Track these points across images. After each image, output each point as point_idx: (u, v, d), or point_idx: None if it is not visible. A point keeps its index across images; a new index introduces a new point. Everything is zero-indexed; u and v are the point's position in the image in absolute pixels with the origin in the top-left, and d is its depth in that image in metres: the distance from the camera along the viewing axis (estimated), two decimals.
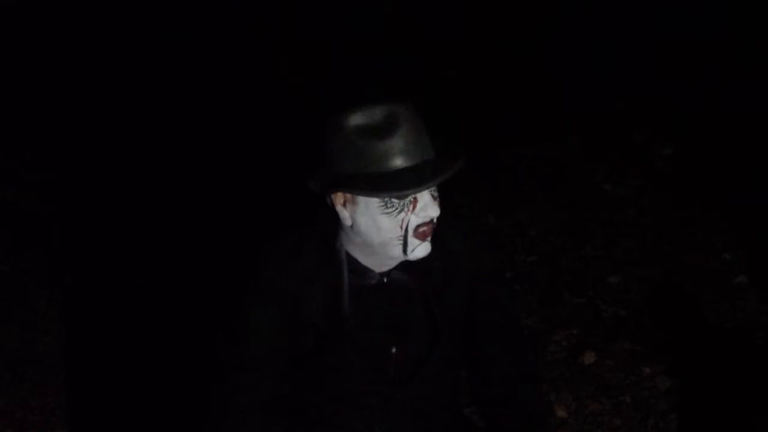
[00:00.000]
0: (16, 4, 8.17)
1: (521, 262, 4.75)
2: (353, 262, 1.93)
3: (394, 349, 1.97)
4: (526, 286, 4.51)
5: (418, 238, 1.86)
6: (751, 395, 3.52)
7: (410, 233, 1.85)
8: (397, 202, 1.83)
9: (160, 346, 4.07)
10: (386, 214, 1.84)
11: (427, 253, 1.88)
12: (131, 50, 7.56)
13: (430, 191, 1.85)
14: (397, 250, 1.87)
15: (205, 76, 7.03)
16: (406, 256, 1.88)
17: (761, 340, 3.92)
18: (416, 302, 1.96)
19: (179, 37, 7.61)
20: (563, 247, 4.86)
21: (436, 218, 1.87)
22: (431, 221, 1.86)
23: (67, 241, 5.16)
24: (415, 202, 1.84)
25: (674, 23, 6.53)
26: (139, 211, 5.37)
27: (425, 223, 1.86)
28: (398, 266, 1.93)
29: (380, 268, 1.94)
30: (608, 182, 5.49)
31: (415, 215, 1.85)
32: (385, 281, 1.95)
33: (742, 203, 4.91)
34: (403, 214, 1.84)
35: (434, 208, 1.85)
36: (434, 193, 1.87)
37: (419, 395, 2.00)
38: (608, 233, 4.93)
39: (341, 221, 1.88)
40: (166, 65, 7.29)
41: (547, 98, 6.36)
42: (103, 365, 4.03)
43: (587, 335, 4.08)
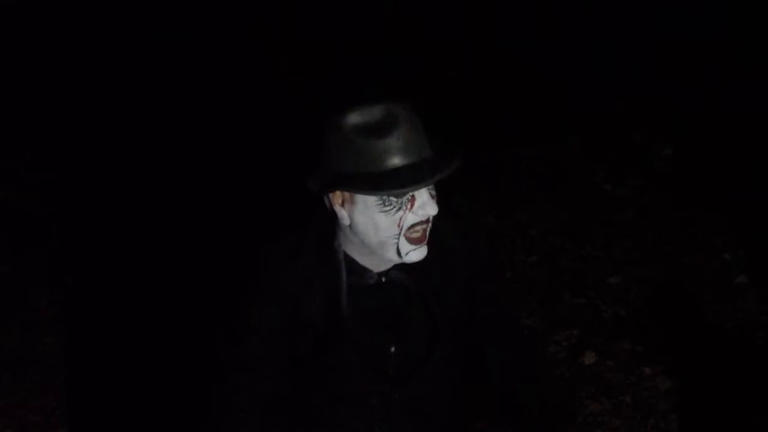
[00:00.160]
0: (16, 4, 8.16)
1: (521, 262, 4.75)
2: (352, 262, 1.93)
3: (393, 348, 1.97)
4: (526, 286, 4.50)
5: (411, 243, 1.86)
6: (751, 395, 3.52)
7: (404, 232, 1.85)
8: (395, 200, 1.83)
9: (160, 346, 4.07)
10: (384, 212, 1.84)
11: (422, 257, 1.88)
12: (131, 50, 7.56)
13: (428, 190, 1.85)
14: (392, 251, 1.87)
15: (205, 76, 7.03)
16: (401, 258, 1.88)
17: (761, 340, 3.92)
18: (415, 302, 1.96)
19: (179, 37, 7.61)
20: (563, 247, 4.86)
21: (432, 218, 1.87)
22: (428, 220, 1.86)
23: (67, 241, 5.17)
24: (413, 200, 1.84)
25: (674, 23, 6.53)
26: (139, 211, 5.37)
27: (422, 221, 1.85)
28: (397, 266, 1.93)
29: (378, 268, 1.94)
30: (608, 182, 5.49)
31: (413, 213, 1.84)
32: (383, 281, 1.95)
33: (742, 203, 4.91)
34: (401, 212, 1.84)
35: (432, 206, 1.85)
36: (432, 192, 1.86)
37: (419, 395, 2.00)
38: (608, 233, 4.93)
39: (339, 221, 1.88)
40: (166, 65, 7.28)
41: (547, 98, 6.35)
42: (103, 365, 4.03)
43: (587, 335, 4.08)
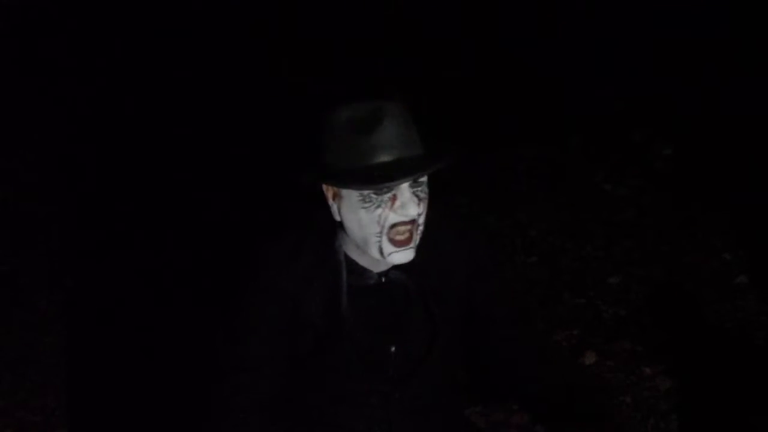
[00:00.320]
0: (16, 4, 8.15)
1: (521, 262, 4.75)
2: (351, 262, 1.93)
3: (393, 348, 1.97)
4: (526, 286, 4.50)
5: (394, 244, 1.84)
6: (751, 395, 3.51)
7: (386, 231, 1.84)
8: (375, 197, 1.82)
9: (160, 346, 4.07)
10: (364, 209, 1.83)
11: (407, 260, 1.86)
12: (131, 50, 7.55)
13: (413, 190, 1.83)
14: (374, 250, 1.86)
15: (205, 76, 7.02)
16: (383, 258, 1.87)
17: (761, 340, 3.91)
18: (414, 302, 1.96)
19: (179, 37, 7.60)
20: (563, 247, 4.86)
21: (422, 221, 1.85)
22: (413, 222, 1.84)
23: (67, 241, 5.16)
24: (393, 198, 1.83)
25: (674, 23, 6.52)
26: (139, 211, 5.37)
27: (405, 222, 1.83)
28: (396, 266, 1.93)
29: (378, 268, 1.94)
30: (608, 182, 5.49)
31: (393, 212, 1.83)
32: (383, 281, 1.95)
33: (742, 203, 4.90)
34: (380, 210, 1.82)
35: (414, 207, 1.82)
36: (420, 193, 1.84)
37: (419, 395, 2.00)
38: (608, 233, 4.93)
39: (333, 216, 1.88)
40: (166, 65, 7.28)
41: (547, 98, 6.35)
42: (103, 365, 4.03)
43: (587, 335, 4.08)
